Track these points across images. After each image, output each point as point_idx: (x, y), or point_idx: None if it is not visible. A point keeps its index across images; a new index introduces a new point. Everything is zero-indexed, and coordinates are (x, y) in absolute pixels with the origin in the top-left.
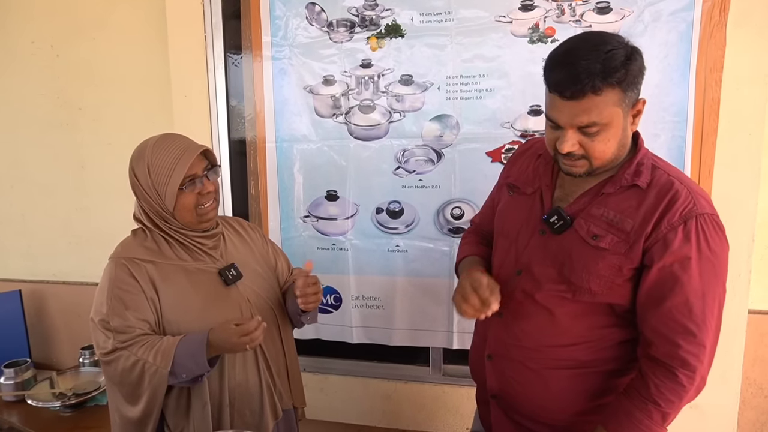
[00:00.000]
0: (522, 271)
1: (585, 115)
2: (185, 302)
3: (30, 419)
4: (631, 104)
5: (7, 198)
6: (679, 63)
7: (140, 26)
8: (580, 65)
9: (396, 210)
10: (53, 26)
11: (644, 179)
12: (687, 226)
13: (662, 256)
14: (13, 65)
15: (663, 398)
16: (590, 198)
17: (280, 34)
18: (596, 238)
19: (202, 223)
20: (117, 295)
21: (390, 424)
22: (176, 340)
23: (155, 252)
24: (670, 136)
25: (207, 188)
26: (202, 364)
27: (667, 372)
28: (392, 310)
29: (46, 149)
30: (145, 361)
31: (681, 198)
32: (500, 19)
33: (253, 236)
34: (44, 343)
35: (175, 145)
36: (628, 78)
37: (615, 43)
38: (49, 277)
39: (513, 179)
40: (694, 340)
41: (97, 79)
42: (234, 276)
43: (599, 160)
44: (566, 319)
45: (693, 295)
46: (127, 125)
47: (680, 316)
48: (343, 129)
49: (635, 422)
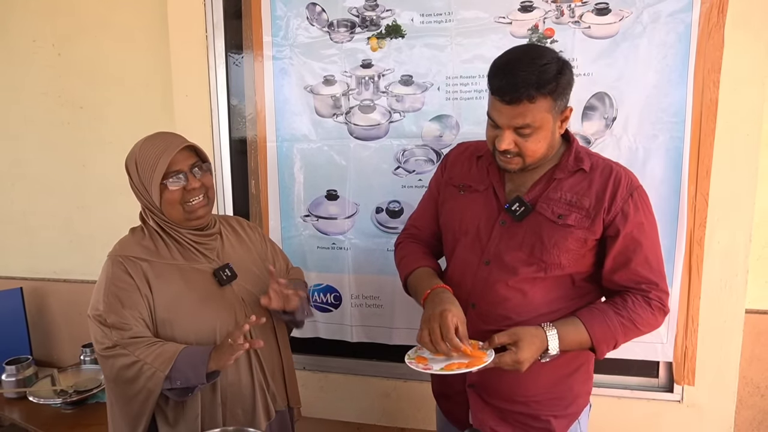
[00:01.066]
0: (490, 261)
1: (520, 118)
2: (179, 301)
3: (31, 416)
4: (560, 111)
5: (8, 196)
6: (677, 64)
7: (142, 25)
8: (519, 76)
9: (396, 210)
10: (55, 25)
11: (587, 164)
12: (633, 197)
13: (625, 225)
14: (15, 64)
15: (635, 312)
16: (544, 185)
17: (281, 34)
18: (562, 218)
19: (192, 221)
20: (113, 292)
21: (389, 423)
22: (179, 347)
23: (151, 251)
24: (668, 136)
25: (192, 184)
26: (201, 375)
27: (643, 298)
28: (391, 309)
29: (47, 148)
30: (144, 362)
31: (622, 176)
32: (500, 20)
33: (252, 236)
34: (45, 340)
35: (161, 141)
36: (558, 89)
37: (549, 57)
38: (50, 275)
39: (461, 179)
40: (657, 288)
41: (99, 78)
42: (228, 276)
43: (531, 158)
44: (537, 295)
45: (650, 252)
46: (128, 124)
47: (643, 271)
48: (343, 129)
49: (606, 319)
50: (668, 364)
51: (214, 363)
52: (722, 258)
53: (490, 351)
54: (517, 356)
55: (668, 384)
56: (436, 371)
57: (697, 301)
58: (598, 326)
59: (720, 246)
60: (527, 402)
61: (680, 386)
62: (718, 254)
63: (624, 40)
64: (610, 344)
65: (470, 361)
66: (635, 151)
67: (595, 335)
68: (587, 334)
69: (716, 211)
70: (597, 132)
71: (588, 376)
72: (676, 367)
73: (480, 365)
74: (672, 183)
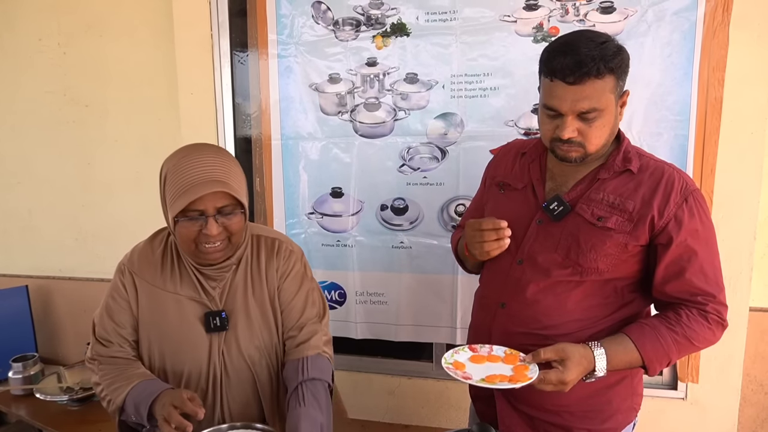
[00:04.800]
0: (524, 261)
1: (586, 101)
2: (160, 330)
3: (38, 413)
4: (620, 94)
5: (14, 194)
6: (682, 62)
7: (147, 24)
8: (582, 52)
9: (400, 207)
10: (60, 24)
11: (635, 164)
12: (689, 202)
13: (679, 232)
14: (21, 62)
15: (690, 328)
16: (587, 185)
17: (286, 32)
18: (602, 220)
19: (203, 263)
20: (108, 303)
21: (394, 420)
22: (132, 383)
23: (155, 270)
24: (673, 134)
25: (209, 230)
26: (143, 416)
27: (699, 311)
28: (396, 306)
29: (53, 146)
30: (104, 386)
31: (676, 179)
32: (505, 18)
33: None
34: (51, 338)
35: (193, 172)
36: (621, 66)
37: (606, 37)
38: (55, 272)
39: (502, 178)
40: (714, 300)
41: (104, 77)
42: (216, 326)
43: (594, 146)
44: (571, 299)
45: (706, 262)
46: (133, 122)
47: (699, 282)
48: (348, 126)
49: (659, 337)
50: None
51: (157, 408)
52: (726, 256)
53: (533, 366)
54: (563, 376)
55: (672, 381)
56: (475, 382)
57: None
58: (650, 345)
59: (724, 244)
60: (558, 412)
61: (684, 383)
62: (722, 252)
63: (629, 39)
64: (663, 362)
65: (512, 376)
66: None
67: (646, 354)
68: (638, 354)
69: (721, 209)
70: None
71: (632, 391)
72: (680, 365)
73: (524, 382)
74: None
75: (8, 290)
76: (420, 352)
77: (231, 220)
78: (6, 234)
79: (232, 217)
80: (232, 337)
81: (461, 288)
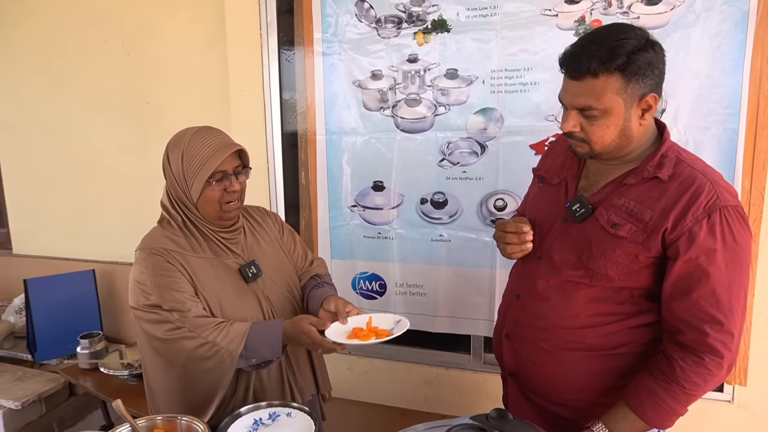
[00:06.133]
0: (542, 257)
1: (583, 97)
2: (214, 295)
3: (102, 385)
4: (638, 97)
5: (85, 185)
6: (732, 53)
7: (201, 25)
8: (587, 48)
9: (440, 201)
10: (124, 27)
11: (666, 172)
12: (711, 218)
13: (688, 249)
14: (89, 63)
15: (688, 380)
16: (613, 188)
17: (330, 31)
18: (615, 227)
19: (224, 220)
20: (161, 282)
21: (431, 409)
22: (247, 325)
23: (183, 245)
24: (722, 128)
25: (233, 187)
26: (277, 349)
27: (694, 357)
28: (435, 298)
29: (118, 141)
30: (214, 343)
31: (705, 191)
32: (546, 12)
33: (271, 226)
34: (114, 318)
35: (213, 139)
36: (630, 67)
37: (632, 34)
38: (118, 258)
39: (543, 171)
40: (721, 329)
41: (162, 75)
42: (254, 274)
43: (598, 145)
44: (580, 302)
45: (719, 286)
46: (188, 118)
47: (707, 306)
48: (389, 122)
49: (658, 401)
50: None
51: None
52: None
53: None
54: None
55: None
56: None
57: (750, 298)
58: (651, 412)
59: None
60: (566, 404)
61: (731, 386)
62: None
63: (675, 30)
64: (672, 419)
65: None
66: (685, 143)
67: (651, 421)
68: (642, 422)
69: None
70: None
71: None
72: None
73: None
74: (725, 176)
75: (78, 273)
76: (458, 344)
77: (243, 178)
78: (77, 222)
79: (243, 175)
80: (267, 280)
81: (499, 282)
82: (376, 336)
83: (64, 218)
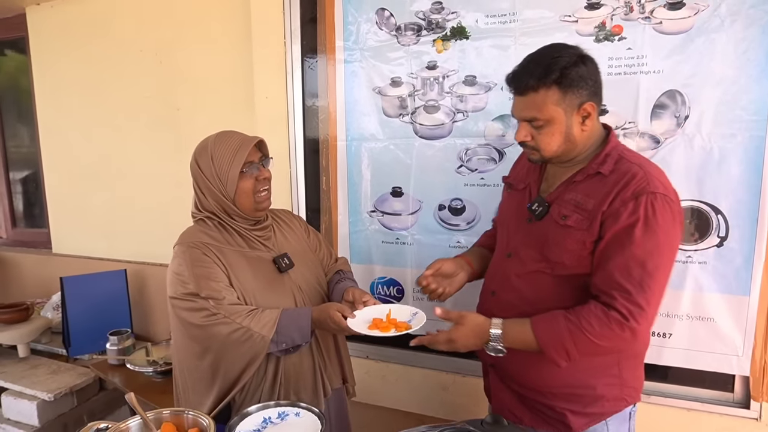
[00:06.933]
0: (511, 255)
1: (528, 110)
2: (249, 285)
3: (129, 381)
4: (576, 106)
5: (119, 188)
6: (759, 58)
7: (228, 34)
8: (527, 67)
9: (458, 207)
10: (157, 36)
11: (607, 167)
12: (637, 201)
13: (612, 226)
14: (124, 70)
15: (587, 321)
16: (564, 186)
17: (352, 39)
18: (564, 218)
19: (258, 211)
20: (198, 273)
21: (447, 415)
22: (278, 312)
23: (219, 239)
24: (748, 136)
25: (263, 174)
26: (306, 334)
27: (603, 307)
28: (452, 304)
29: (150, 145)
30: (248, 328)
31: (636, 178)
32: (565, 18)
33: (298, 226)
34: (144, 316)
35: (235, 137)
36: (564, 81)
37: (565, 53)
38: (149, 258)
39: (511, 179)
40: (629, 297)
41: (192, 83)
42: (287, 264)
43: (546, 151)
44: (546, 291)
45: (632, 260)
46: (215, 124)
47: (618, 276)
48: (408, 128)
49: (554, 324)
50: (745, 378)
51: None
52: None
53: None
54: (450, 334)
55: (744, 400)
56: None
57: None
58: (543, 328)
59: None
60: (542, 391)
61: (758, 403)
62: None
63: (699, 35)
64: (558, 350)
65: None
66: (709, 150)
67: (539, 337)
68: (532, 335)
69: None
70: (667, 131)
71: (618, 381)
72: (754, 382)
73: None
74: (751, 185)
75: (110, 273)
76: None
77: (268, 167)
78: (111, 223)
79: (268, 164)
80: (298, 271)
81: None
82: (395, 328)
83: (99, 220)
